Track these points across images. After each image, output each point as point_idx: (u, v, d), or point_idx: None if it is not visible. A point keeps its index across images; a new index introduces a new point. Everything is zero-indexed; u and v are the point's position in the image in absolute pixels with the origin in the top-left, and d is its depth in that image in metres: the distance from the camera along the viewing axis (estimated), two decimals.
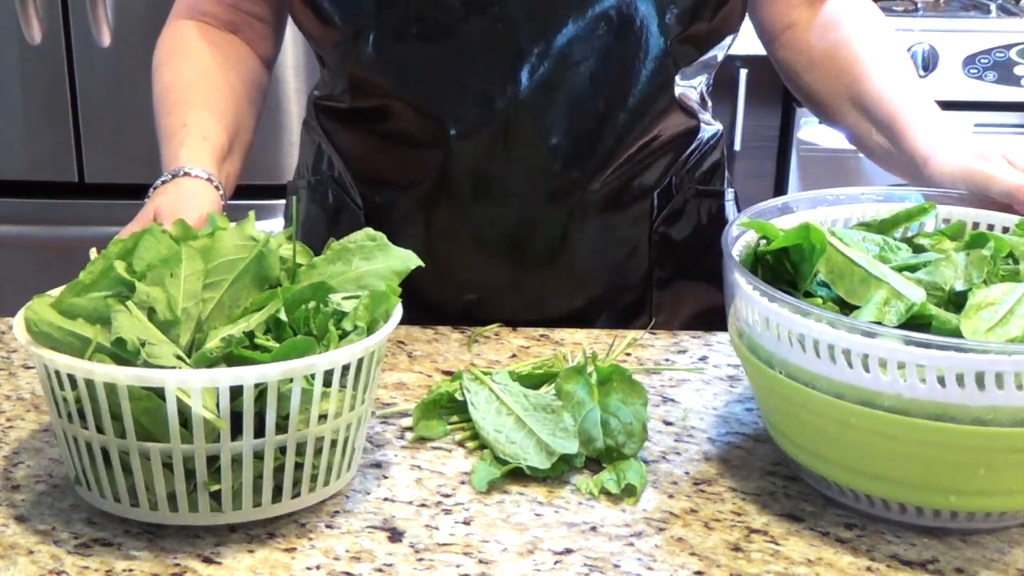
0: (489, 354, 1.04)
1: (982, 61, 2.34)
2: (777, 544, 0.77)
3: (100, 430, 0.74)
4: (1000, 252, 0.83)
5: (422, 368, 1.01)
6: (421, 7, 1.02)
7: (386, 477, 0.84)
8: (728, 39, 1.12)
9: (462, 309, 1.12)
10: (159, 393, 0.71)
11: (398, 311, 0.81)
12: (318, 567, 0.74)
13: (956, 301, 0.78)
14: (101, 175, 2.26)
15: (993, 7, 2.49)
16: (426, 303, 1.10)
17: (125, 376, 0.71)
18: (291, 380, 0.73)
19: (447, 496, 0.82)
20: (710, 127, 1.16)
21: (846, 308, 0.79)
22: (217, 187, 1.01)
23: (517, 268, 1.11)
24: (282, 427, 0.75)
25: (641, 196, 1.12)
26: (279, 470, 0.76)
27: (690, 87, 1.11)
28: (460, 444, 0.88)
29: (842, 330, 0.72)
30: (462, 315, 1.11)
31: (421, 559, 0.75)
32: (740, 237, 0.86)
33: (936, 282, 0.80)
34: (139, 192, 2.49)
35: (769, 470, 0.86)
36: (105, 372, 0.71)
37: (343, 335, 0.77)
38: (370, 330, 0.78)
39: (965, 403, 0.70)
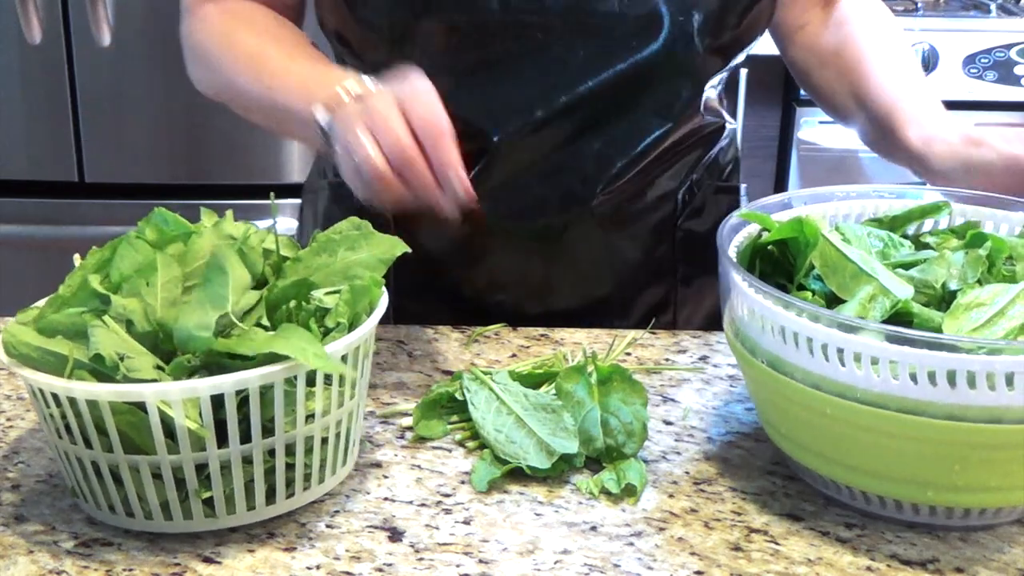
0: (489, 354, 1.04)
1: (982, 61, 2.34)
2: (777, 544, 0.77)
3: (88, 445, 0.74)
4: (1000, 253, 0.83)
5: (422, 368, 1.01)
6: (461, 16, 1.02)
7: (386, 477, 0.84)
8: (752, 44, 1.12)
9: (495, 306, 1.12)
10: (141, 407, 0.71)
11: (382, 303, 0.80)
12: (318, 567, 0.74)
13: (949, 300, 0.78)
14: (101, 175, 2.26)
15: (993, 7, 2.49)
16: (458, 301, 1.11)
17: (105, 392, 0.70)
18: (272, 385, 0.73)
19: (447, 496, 0.82)
20: (728, 125, 1.17)
21: (838, 302, 0.79)
22: None
23: (549, 267, 1.11)
24: (269, 430, 0.74)
25: (668, 195, 1.12)
26: (270, 472, 0.76)
27: (712, 88, 1.12)
28: (460, 444, 0.88)
29: (821, 323, 0.73)
30: (495, 311, 1.11)
31: (421, 559, 0.75)
32: (740, 230, 0.87)
33: (927, 280, 0.80)
34: (139, 192, 2.49)
35: (769, 470, 0.86)
36: (85, 389, 0.71)
37: (326, 332, 0.77)
38: (355, 324, 0.78)
39: (935, 400, 0.71)
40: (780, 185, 2.48)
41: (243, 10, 1.09)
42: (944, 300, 0.79)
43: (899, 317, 0.76)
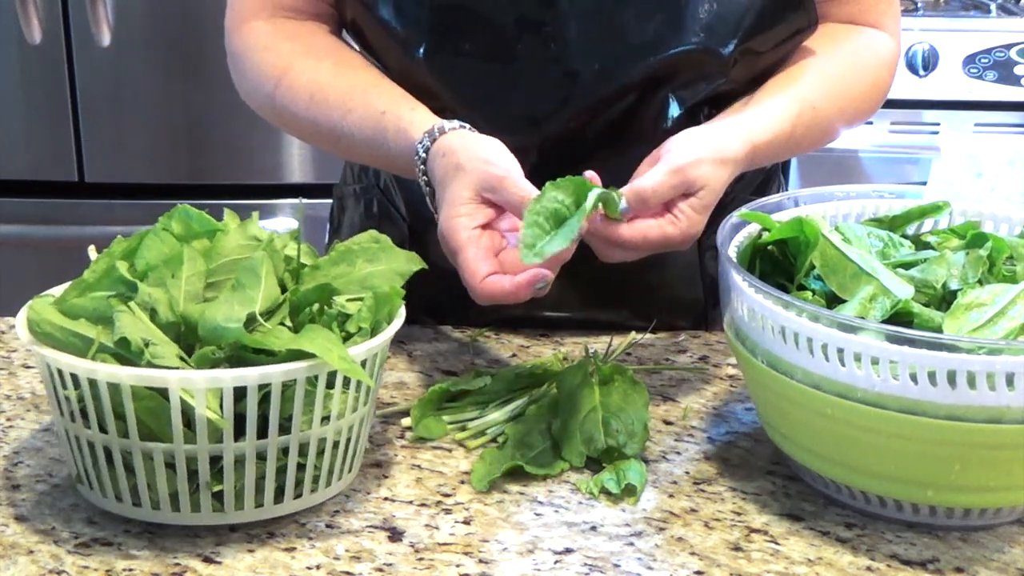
0: (489, 354, 1.04)
1: (982, 61, 2.34)
2: (777, 544, 0.77)
3: (103, 429, 0.74)
4: (1001, 253, 0.83)
5: (422, 368, 1.01)
6: (475, 23, 1.00)
7: (386, 477, 0.84)
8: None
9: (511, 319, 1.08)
10: (163, 393, 0.71)
11: (401, 313, 0.81)
12: (318, 567, 0.74)
13: (950, 300, 0.78)
14: (101, 175, 2.26)
15: (993, 7, 2.49)
16: (480, 315, 1.08)
17: (128, 376, 0.71)
18: (294, 382, 0.73)
19: (447, 496, 0.82)
20: None
21: (838, 302, 0.79)
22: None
23: (561, 287, 1.08)
24: (285, 428, 0.75)
25: None
26: (281, 471, 0.76)
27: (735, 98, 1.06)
28: (460, 444, 0.88)
29: (821, 323, 0.73)
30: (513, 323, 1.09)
31: (421, 559, 0.75)
32: (740, 230, 0.87)
33: (928, 280, 0.80)
34: (139, 192, 2.49)
35: (769, 470, 0.86)
36: (108, 372, 0.71)
37: (347, 337, 0.77)
38: (374, 332, 0.78)
39: (935, 400, 0.71)
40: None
41: (297, 29, 1.06)
42: (944, 300, 0.79)
43: (899, 317, 0.76)
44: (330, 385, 0.75)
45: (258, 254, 0.76)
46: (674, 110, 1.02)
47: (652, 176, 0.87)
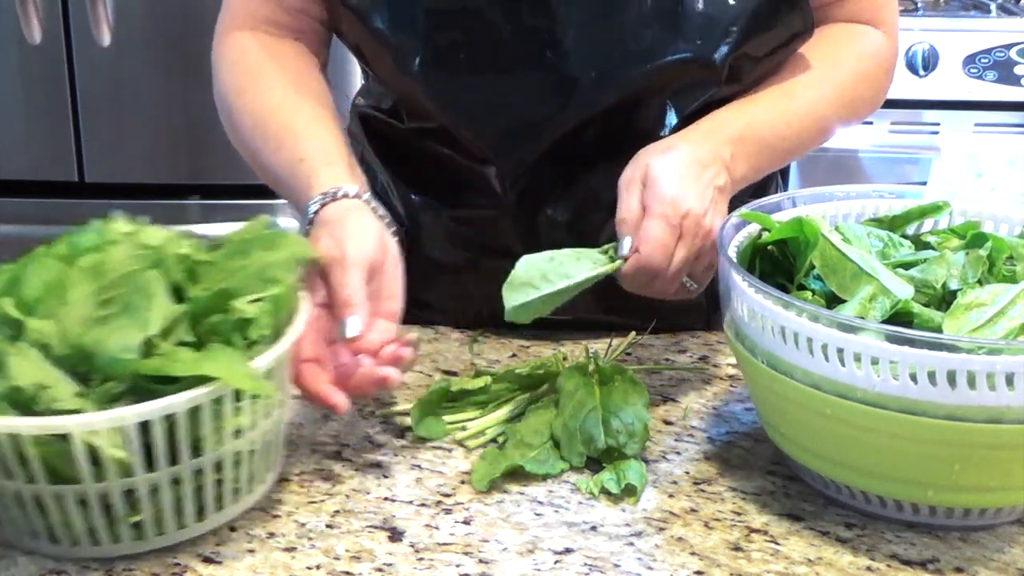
0: (489, 354, 1.04)
1: (982, 61, 2.34)
2: (777, 544, 0.77)
3: (8, 475, 0.70)
4: (1001, 253, 0.83)
5: (422, 368, 1.01)
6: (471, 31, 0.99)
7: (386, 477, 0.84)
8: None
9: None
10: (66, 437, 0.68)
11: (304, 308, 0.78)
12: (318, 567, 0.74)
13: (949, 300, 0.78)
14: (101, 175, 2.26)
15: (993, 7, 2.49)
16: (476, 314, 1.08)
17: (27, 427, 0.67)
18: (200, 407, 0.70)
19: (447, 496, 0.82)
20: None
21: (838, 302, 0.79)
22: (374, 208, 0.93)
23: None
24: (197, 449, 0.72)
25: None
26: (199, 490, 0.74)
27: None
28: (460, 444, 0.88)
29: (821, 323, 0.73)
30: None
31: (421, 559, 0.75)
32: (740, 230, 0.87)
33: (928, 280, 0.80)
34: (139, 192, 2.48)
35: (769, 470, 0.86)
36: (5, 424, 0.68)
37: (250, 344, 0.74)
38: (279, 332, 0.76)
39: (935, 400, 0.71)
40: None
41: (273, 47, 1.06)
42: (944, 300, 0.79)
43: (899, 317, 0.76)
44: (238, 398, 0.73)
45: (149, 273, 0.72)
46: (672, 118, 1.02)
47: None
